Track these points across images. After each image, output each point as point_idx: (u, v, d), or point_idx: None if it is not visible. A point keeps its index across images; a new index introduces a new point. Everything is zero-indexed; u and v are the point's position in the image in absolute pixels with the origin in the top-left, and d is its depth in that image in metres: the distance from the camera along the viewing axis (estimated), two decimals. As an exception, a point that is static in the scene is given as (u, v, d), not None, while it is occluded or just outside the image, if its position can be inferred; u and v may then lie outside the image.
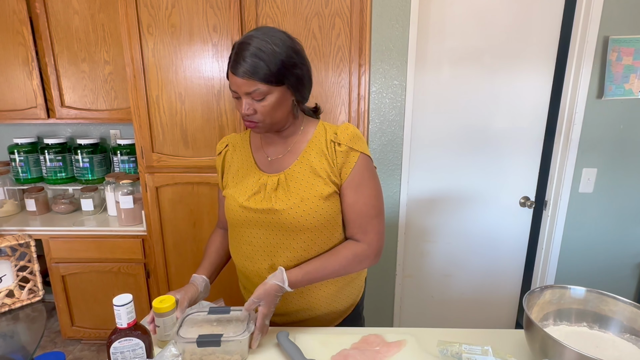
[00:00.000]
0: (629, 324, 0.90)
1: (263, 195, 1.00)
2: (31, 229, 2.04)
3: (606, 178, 1.95)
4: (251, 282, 1.08)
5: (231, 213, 1.04)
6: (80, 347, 2.27)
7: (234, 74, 0.91)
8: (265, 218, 0.99)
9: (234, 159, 1.10)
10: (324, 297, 1.06)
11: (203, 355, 0.89)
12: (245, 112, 0.94)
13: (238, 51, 0.91)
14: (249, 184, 1.03)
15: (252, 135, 1.12)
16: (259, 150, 1.08)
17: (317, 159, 1.00)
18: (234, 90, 0.95)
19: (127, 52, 1.70)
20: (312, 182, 0.98)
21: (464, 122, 2.00)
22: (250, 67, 0.89)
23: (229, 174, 1.10)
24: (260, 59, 0.89)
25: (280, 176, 1.01)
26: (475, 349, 0.82)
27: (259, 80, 0.90)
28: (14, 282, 1.36)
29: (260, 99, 0.93)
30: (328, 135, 1.01)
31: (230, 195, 1.05)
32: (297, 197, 0.97)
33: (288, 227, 0.98)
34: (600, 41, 1.79)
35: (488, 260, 2.18)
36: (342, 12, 1.62)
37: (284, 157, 1.04)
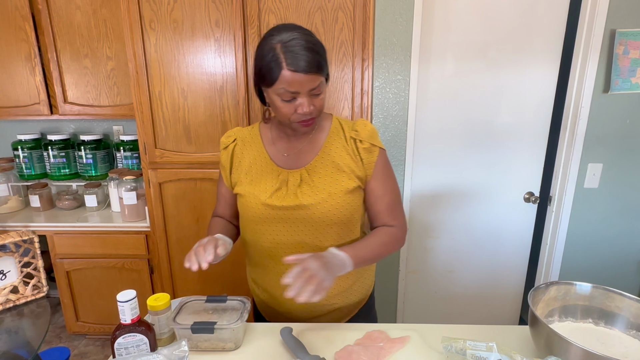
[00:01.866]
0: (635, 321, 0.89)
1: (286, 192, 0.99)
2: (35, 225, 2.05)
3: (612, 173, 1.93)
4: (269, 278, 1.07)
5: (251, 211, 1.01)
6: (85, 342, 2.29)
7: (295, 72, 0.87)
8: (291, 214, 0.98)
9: (244, 154, 1.07)
10: (339, 292, 1.07)
11: (198, 342, 0.93)
12: (306, 110, 0.91)
13: (290, 49, 0.87)
14: (268, 181, 1.01)
15: (263, 129, 1.09)
16: (272, 145, 1.06)
17: (338, 154, 1.01)
18: (293, 91, 0.89)
19: (130, 47, 1.70)
20: (336, 178, 0.99)
21: (468, 117, 1.98)
22: (312, 61, 0.87)
23: (240, 169, 1.06)
24: (316, 52, 0.89)
25: (302, 172, 1.00)
26: (479, 345, 0.81)
27: (321, 74, 0.90)
28: (18, 278, 1.37)
29: (318, 94, 0.92)
30: (347, 132, 1.02)
31: (248, 193, 1.02)
32: (325, 192, 0.98)
33: (316, 222, 0.98)
34: (607, 34, 1.77)
35: (492, 256, 2.17)
36: (345, 6, 1.61)
37: (301, 153, 1.03)
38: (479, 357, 0.79)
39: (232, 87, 1.72)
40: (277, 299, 1.08)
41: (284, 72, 0.87)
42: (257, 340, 0.98)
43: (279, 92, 0.91)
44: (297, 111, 0.92)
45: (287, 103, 0.92)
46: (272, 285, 1.07)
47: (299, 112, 0.92)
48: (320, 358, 0.87)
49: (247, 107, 1.73)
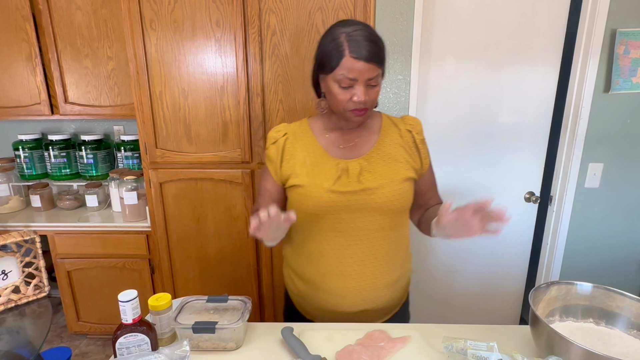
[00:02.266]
0: (636, 320, 0.89)
1: (348, 179, 1.01)
2: (36, 225, 2.06)
3: (612, 173, 1.93)
4: (321, 270, 1.06)
5: (314, 200, 1.01)
6: (86, 341, 2.29)
7: (357, 59, 0.90)
8: (356, 200, 1.00)
9: (296, 147, 1.07)
10: (387, 284, 1.08)
11: (199, 341, 0.94)
12: (362, 99, 0.94)
13: (353, 38, 0.91)
14: (327, 170, 1.02)
15: (312, 123, 1.10)
16: (324, 138, 1.07)
17: (392, 147, 1.05)
18: (351, 78, 0.92)
19: (130, 47, 1.70)
20: (393, 167, 1.03)
21: (468, 117, 1.98)
22: (374, 52, 0.91)
23: (293, 162, 1.06)
24: (377, 45, 0.93)
25: (361, 161, 1.03)
26: (480, 345, 0.81)
27: (379, 66, 0.94)
28: (19, 278, 1.37)
29: (375, 85, 0.95)
30: (400, 126, 1.09)
31: (309, 183, 1.02)
32: (386, 177, 1.01)
33: (379, 207, 1.01)
34: (608, 34, 1.77)
35: (492, 256, 2.17)
36: (345, 6, 1.61)
37: (356, 145, 1.06)
38: (480, 357, 0.79)
39: (233, 87, 1.72)
40: (326, 292, 1.07)
41: (346, 58, 0.91)
42: (258, 339, 0.99)
43: (338, 78, 0.94)
44: (352, 99, 0.95)
45: (344, 90, 0.95)
46: (327, 277, 1.06)
47: (354, 99, 0.94)
48: (321, 358, 0.87)
49: (247, 107, 1.73)
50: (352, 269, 1.04)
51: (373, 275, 1.05)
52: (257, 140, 1.77)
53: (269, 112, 1.74)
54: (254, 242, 1.90)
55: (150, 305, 0.94)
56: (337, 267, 1.04)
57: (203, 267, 1.96)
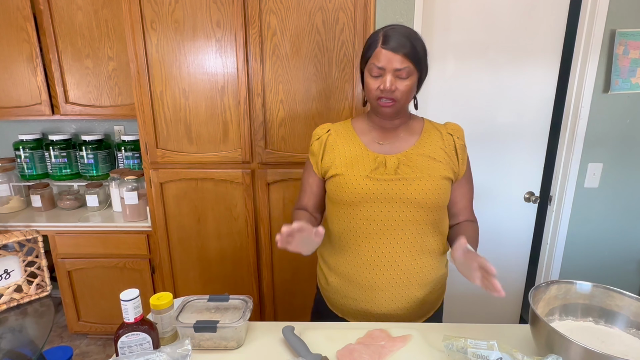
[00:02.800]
0: (635, 319, 0.89)
1: (385, 171, 1.03)
2: (37, 225, 2.06)
3: (612, 173, 1.94)
4: (357, 261, 1.07)
5: (350, 187, 1.03)
6: (86, 341, 2.29)
7: (386, 49, 0.96)
8: (392, 189, 1.02)
9: (338, 142, 1.11)
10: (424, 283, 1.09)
11: (201, 340, 0.94)
12: (388, 87, 0.97)
13: (388, 33, 0.97)
14: (365, 162, 1.05)
15: (356, 123, 1.14)
16: (365, 136, 1.11)
17: (432, 148, 1.07)
18: (380, 67, 0.97)
19: (131, 48, 1.70)
20: (431, 165, 1.05)
21: (468, 117, 1.99)
22: (404, 44, 0.96)
23: (333, 155, 1.09)
24: (413, 42, 0.98)
25: (399, 156, 1.05)
26: (480, 344, 0.82)
27: (411, 59, 0.97)
28: (22, 277, 1.38)
29: (405, 78, 0.98)
30: (442, 130, 1.11)
31: (346, 172, 1.05)
32: (425, 172, 1.03)
33: (414, 200, 1.02)
34: (607, 35, 1.77)
35: (492, 256, 2.17)
36: (346, 6, 1.61)
37: (395, 143, 1.09)
38: (480, 356, 0.80)
39: (234, 87, 1.72)
40: (360, 285, 1.08)
41: (378, 49, 0.98)
42: (259, 338, 0.99)
43: (370, 67, 1.00)
44: (380, 87, 0.99)
45: (374, 79, 1.00)
46: (359, 269, 1.07)
47: (381, 87, 0.98)
48: (321, 357, 0.88)
49: (248, 107, 1.74)
50: (386, 260, 1.05)
51: (407, 270, 1.06)
52: (257, 140, 1.77)
53: (270, 112, 1.74)
54: (254, 242, 1.91)
55: (151, 304, 0.94)
56: (371, 259, 1.05)
57: (203, 267, 1.97)
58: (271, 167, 1.81)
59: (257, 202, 1.86)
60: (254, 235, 1.89)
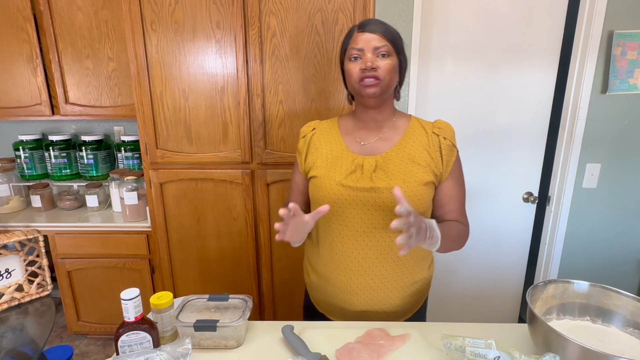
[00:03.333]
0: (632, 318, 0.90)
1: (361, 175, 1.03)
2: (37, 225, 2.06)
3: (610, 173, 1.95)
4: (334, 265, 1.08)
5: (326, 191, 1.04)
6: (86, 341, 2.29)
7: (363, 31, 0.99)
8: (364, 197, 1.01)
9: (322, 142, 1.12)
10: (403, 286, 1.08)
11: (201, 339, 0.95)
12: (370, 64, 0.97)
13: (364, 21, 1.01)
14: (343, 164, 1.05)
15: (341, 121, 1.14)
16: (349, 135, 1.11)
17: (415, 148, 1.05)
18: (359, 48, 0.99)
19: (131, 48, 1.71)
20: (410, 169, 1.02)
21: (467, 117, 1.99)
22: (380, 26, 1.00)
23: (316, 155, 1.10)
24: (387, 26, 1.01)
25: (378, 158, 1.04)
26: (478, 343, 0.82)
27: (387, 39, 0.99)
28: (23, 277, 1.38)
29: (385, 56, 0.99)
30: (428, 128, 1.08)
31: (323, 175, 1.06)
32: (399, 179, 1.01)
33: (388, 207, 1.01)
34: (605, 35, 1.78)
35: (491, 256, 2.18)
36: (345, 7, 1.62)
37: (376, 143, 1.07)
38: (478, 354, 0.80)
39: (233, 87, 1.73)
40: (336, 286, 1.09)
41: (354, 35, 1.01)
42: (259, 338, 1.00)
43: (349, 54, 1.01)
44: (361, 67, 0.98)
45: (355, 63, 1.00)
46: (337, 271, 1.08)
47: (362, 67, 0.98)
48: (321, 355, 0.88)
49: (247, 107, 1.74)
50: (359, 265, 1.05)
51: (382, 275, 1.05)
52: (257, 140, 1.78)
53: (269, 112, 1.75)
54: (254, 242, 1.91)
55: (152, 303, 0.95)
56: (345, 262, 1.06)
57: (203, 267, 1.97)
58: (270, 167, 1.81)
59: (257, 203, 1.86)
60: (253, 235, 1.90)
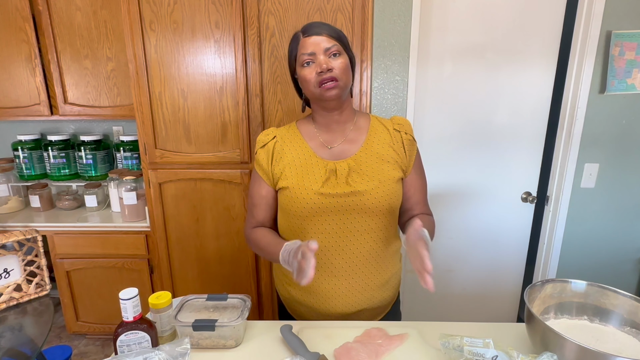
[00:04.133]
0: (629, 317, 0.90)
1: (336, 181, 1.01)
2: (35, 225, 2.06)
3: (608, 173, 1.95)
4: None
5: (302, 202, 1.01)
6: (85, 341, 2.29)
7: (310, 36, 0.98)
8: (344, 202, 1.00)
9: (285, 150, 1.07)
10: (379, 285, 1.08)
11: (199, 339, 0.95)
12: (325, 66, 0.95)
13: (306, 26, 1.00)
14: (315, 172, 1.03)
15: (301, 126, 1.11)
16: (313, 140, 1.08)
17: (380, 146, 1.06)
18: (309, 54, 0.97)
19: (130, 48, 1.71)
20: (382, 167, 1.04)
21: (465, 118, 2.00)
22: (326, 27, 0.99)
23: (282, 164, 1.06)
24: (329, 26, 1.01)
25: (349, 161, 1.03)
26: (476, 342, 0.83)
27: (335, 39, 0.99)
28: (21, 277, 1.38)
29: (337, 55, 0.98)
30: (389, 126, 1.09)
31: (296, 185, 1.02)
32: (375, 180, 1.02)
33: (368, 209, 1.01)
34: (603, 36, 1.79)
35: (490, 256, 2.18)
36: (344, 7, 1.62)
37: (343, 145, 1.07)
38: (476, 354, 0.81)
39: (232, 87, 1.73)
40: (318, 295, 1.06)
41: (301, 41, 1.00)
42: (257, 337, 1.00)
43: (301, 60, 1.00)
44: (316, 71, 0.97)
45: (309, 68, 0.98)
46: (316, 280, 1.05)
47: (317, 70, 0.96)
48: (319, 355, 0.89)
49: (246, 107, 1.74)
50: (343, 270, 1.04)
51: (365, 276, 1.06)
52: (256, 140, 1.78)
53: (268, 112, 1.75)
54: (253, 241, 1.91)
55: (150, 303, 0.95)
56: (328, 269, 1.04)
57: (202, 267, 1.97)
58: (269, 167, 1.81)
59: (256, 202, 1.86)
60: (252, 235, 1.90)
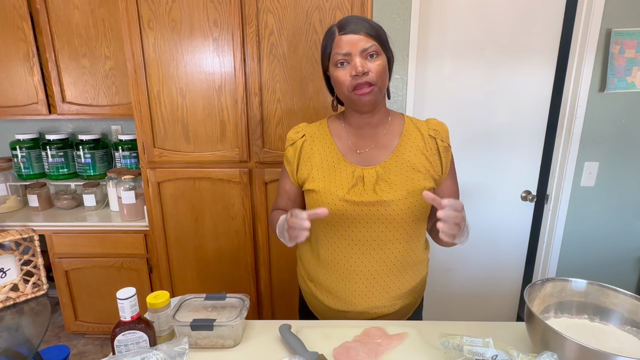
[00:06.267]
0: (629, 316, 0.90)
1: (363, 188, 0.99)
2: (34, 225, 2.05)
3: (608, 172, 1.95)
4: (334, 277, 1.05)
5: (328, 207, 0.98)
6: (84, 341, 2.29)
7: (345, 34, 0.92)
8: (370, 211, 0.98)
9: (314, 150, 1.05)
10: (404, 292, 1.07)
11: (197, 339, 0.94)
12: (360, 69, 0.90)
13: (343, 21, 0.94)
14: (343, 177, 1.00)
15: (331, 125, 1.07)
16: (342, 141, 1.04)
17: (412, 154, 1.01)
18: (345, 53, 0.92)
19: (128, 47, 1.70)
20: (411, 176, 0.99)
21: (465, 116, 1.99)
22: (362, 24, 0.92)
23: (310, 165, 1.04)
24: (370, 23, 0.94)
25: (378, 169, 1.00)
26: (476, 341, 0.82)
27: (374, 38, 0.92)
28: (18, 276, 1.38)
29: (374, 56, 0.92)
30: (423, 130, 1.03)
31: (323, 189, 1.00)
32: (403, 190, 0.98)
33: (393, 220, 0.98)
34: (603, 34, 1.78)
35: (489, 255, 2.18)
36: (343, 5, 1.62)
37: (373, 151, 1.02)
38: (476, 353, 0.80)
39: (231, 86, 1.72)
40: (338, 296, 1.07)
41: (337, 38, 0.94)
42: (256, 337, 0.99)
43: (334, 59, 0.94)
44: (351, 74, 0.92)
45: (343, 69, 0.93)
46: (338, 284, 1.05)
47: (353, 73, 0.91)
48: (318, 355, 0.88)
49: (245, 106, 1.74)
50: (364, 277, 1.03)
51: (386, 285, 1.04)
52: (254, 139, 1.77)
53: (267, 111, 1.74)
54: (252, 241, 1.91)
55: (148, 303, 0.94)
56: (349, 275, 1.03)
57: (201, 266, 1.97)
58: (268, 166, 1.81)
59: (255, 201, 1.86)
60: (251, 234, 1.89)
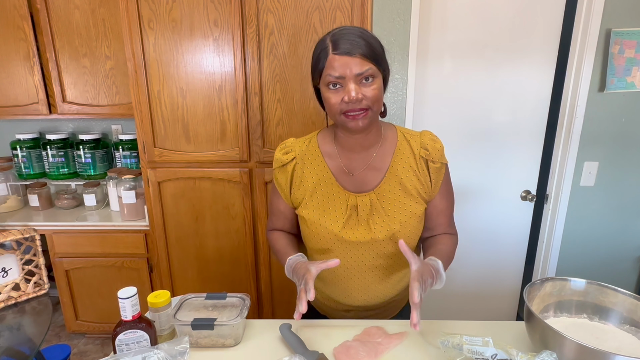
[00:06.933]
0: (628, 315, 0.90)
1: (357, 221, 0.97)
2: (34, 224, 2.05)
3: (607, 171, 1.95)
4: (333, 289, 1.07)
5: (321, 241, 0.99)
6: (84, 341, 2.29)
7: (340, 54, 0.84)
8: (363, 238, 0.98)
9: (305, 173, 1.00)
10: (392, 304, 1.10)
11: (198, 338, 0.94)
12: (354, 97, 0.84)
13: (337, 36, 0.86)
14: (337, 206, 0.98)
15: (321, 142, 1.02)
16: (334, 162, 1.00)
17: (405, 174, 0.97)
18: (338, 76, 0.85)
19: (128, 47, 1.70)
20: (404, 202, 0.97)
21: (465, 116, 2.00)
22: (359, 45, 0.84)
23: (303, 189, 1.01)
24: (367, 39, 0.86)
25: (371, 196, 0.97)
26: (476, 340, 0.82)
27: (370, 60, 0.84)
28: (19, 276, 1.38)
29: (370, 81, 0.86)
30: (415, 149, 0.98)
31: (316, 222, 0.98)
32: (397, 223, 0.96)
33: (386, 245, 0.99)
34: (603, 34, 1.78)
35: (489, 254, 2.18)
36: (343, 5, 1.62)
37: (366, 173, 0.98)
38: (475, 352, 0.80)
39: (231, 86, 1.72)
40: (340, 301, 1.09)
41: (330, 57, 0.85)
42: (256, 336, 1.00)
43: (326, 80, 0.87)
44: (344, 99, 0.85)
45: (335, 92, 0.87)
46: (337, 294, 1.08)
47: (345, 99, 0.85)
48: (319, 354, 0.88)
49: (245, 106, 1.74)
50: (361, 291, 1.05)
51: (382, 294, 1.07)
52: (255, 139, 1.78)
53: (267, 111, 1.75)
54: (252, 240, 1.91)
55: (149, 302, 0.95)
56: (345, 291, 1.06)
57: (201, 266, 1.97)
58: (269, 166, 1.81)
59: (255, 201, 1.86)
60: (251, 234, 1.90)
